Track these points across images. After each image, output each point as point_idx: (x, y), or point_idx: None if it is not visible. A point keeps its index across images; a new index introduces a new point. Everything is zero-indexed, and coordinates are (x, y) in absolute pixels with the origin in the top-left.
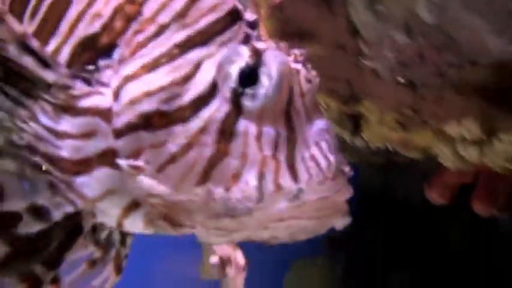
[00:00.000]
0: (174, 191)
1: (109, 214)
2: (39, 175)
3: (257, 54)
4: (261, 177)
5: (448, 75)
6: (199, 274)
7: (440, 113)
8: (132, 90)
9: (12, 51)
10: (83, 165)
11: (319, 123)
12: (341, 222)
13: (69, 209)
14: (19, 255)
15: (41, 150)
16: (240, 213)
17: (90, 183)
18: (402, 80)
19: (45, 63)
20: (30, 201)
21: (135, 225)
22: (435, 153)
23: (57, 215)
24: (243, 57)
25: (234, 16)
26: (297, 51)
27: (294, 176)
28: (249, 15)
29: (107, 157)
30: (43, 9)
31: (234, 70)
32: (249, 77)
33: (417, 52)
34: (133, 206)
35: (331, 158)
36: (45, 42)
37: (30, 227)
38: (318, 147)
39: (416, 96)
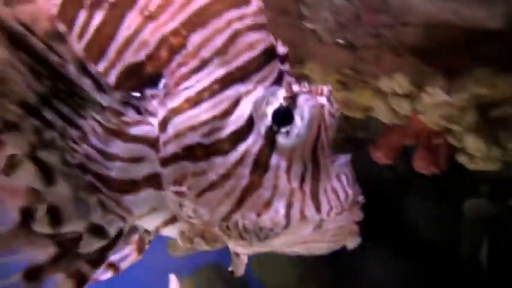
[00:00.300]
0: (211, 215)
1: (149, 224)
2: (91, 196)
3: (291, 97)
4: (289, 207)
5: (383, 35)
6: (169, 251)
7: (377, 71)
8: (178, 124)
9: (72, 70)
10: (130, 186)
11: (341, 158)
12: (352, 243)
13: (121, 224)
14: (67, 255)
15: (92, 170)
16: (268, 236)
17: (137, 202)
18: (342, 42)
19: (100, 87)
20: (88, 221)
21: (171, 233)
22: (374, 112)
23: (112, 232)
24: (279, 99)
25: (270, 54)
26: (323, 87)
27: (317, 207)
28: (281, 49)
29: (152, 180)
30: (91, 31)
31: (270, 111)
32: (283, 116)
33: (354, 14)
34: (173, 219)
35: (349, 191)
36: (94, 62)
37: (92, 245)
38: (338, 180)
39: (356, 57)
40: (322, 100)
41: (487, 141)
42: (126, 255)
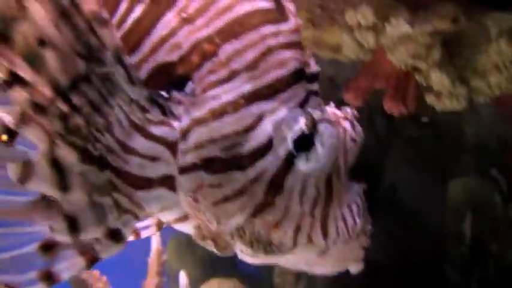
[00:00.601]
0: (224, 224)
1: (162, 217)
2: (106, 197)
3: (313, 125)
4: (297, 230)
5: None
6: None
7: (345, 7)
8: (199, 135)
9: (109, 57)
10: (144, 182)
11: (355, 187)
12: (355, 269)
13: (134, 222)
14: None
15: (110, 164)
16: (274, 253)
17: (149, 199)
18: None
19: (131, 79)
20: (105, 226)
21: (183, 228)
22: (342, 50)
23: (127, 233)
24: (300, 125)
25: (299, 74)
26: (348, 110)
27: (325, 233)
28: (313, 66)
29: (166, 181)
30: (129, 22)
31: (290, 135)
32: (304, 142)
33: None
34: (185, 218)
35: (359, 221)
36: (127, 53)
37: (109, 249)
38: (349, 208)
39: None
40: (346, 124)
41: (451, 77)
42: (147, 225)
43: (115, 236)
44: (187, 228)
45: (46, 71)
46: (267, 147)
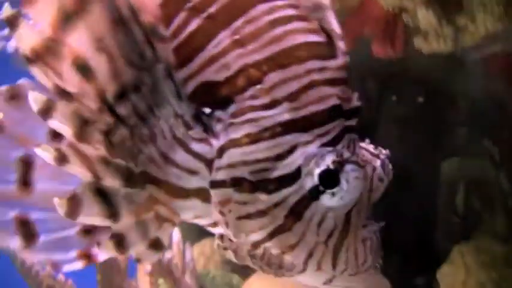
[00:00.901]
0: (244, 239)
1: (193, 221)
2: (149, 213)
3: (340, 164)
4: (309, 256)
5: None
6: None
7: None
8: (233, 156)
9: (161, 70)
10: (181, 192)
11: (373, 225)
12: None
13: (172, 229)
14: None
15: (151, 175)
16: (284, 274)
17: (184, 208)
18: None
19: (179, 94)
20: (148, 239)
21: (212, 231)
22: None
23: (167, 240)
24: (327, 162)
25: (336, 113)
26: (381, 149)
27: (334, 264)
28: (354, 102)
29: (201, 193)
30: (183, 35)
31: (317, 172)
32: (330, 178)
33: None
34: (214, 224)
35: (370, 258)
36: (177, 67)
37: (151, 258)
38: (363, 244)
39: None
40: (376, 163)
41: (438, 15)
42: None
43: (156, 245)
44: (214, 231)
45: (96, 78)
46: (294, 176)
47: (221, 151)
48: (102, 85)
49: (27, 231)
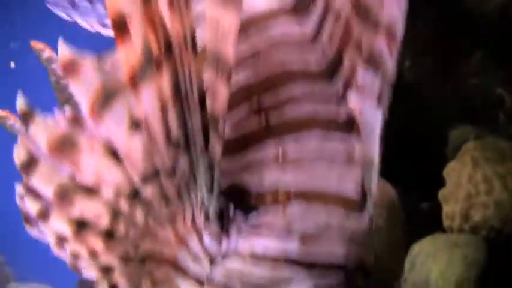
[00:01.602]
0: None
1: None
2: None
3: None
4: None
5: None
6: None
7: None
8: (233, 267)
9: (205, 161)
10: (182, 271)
11: None
12: None
13: None
14: None
15: (158, 257)
16: None
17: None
18: None
19: (213, 188)
20: None
21: None
22: None
23: None
24: None
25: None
26: None
27: None
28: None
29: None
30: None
31: None
32: None
33: None
34: None
35: None
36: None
37: None
38: None
39: None
40: None
41: None
42: None
43: None
44: None
45: (128, 161)
46: None
47: (224, 255)
48: (133, 167)
49: None
